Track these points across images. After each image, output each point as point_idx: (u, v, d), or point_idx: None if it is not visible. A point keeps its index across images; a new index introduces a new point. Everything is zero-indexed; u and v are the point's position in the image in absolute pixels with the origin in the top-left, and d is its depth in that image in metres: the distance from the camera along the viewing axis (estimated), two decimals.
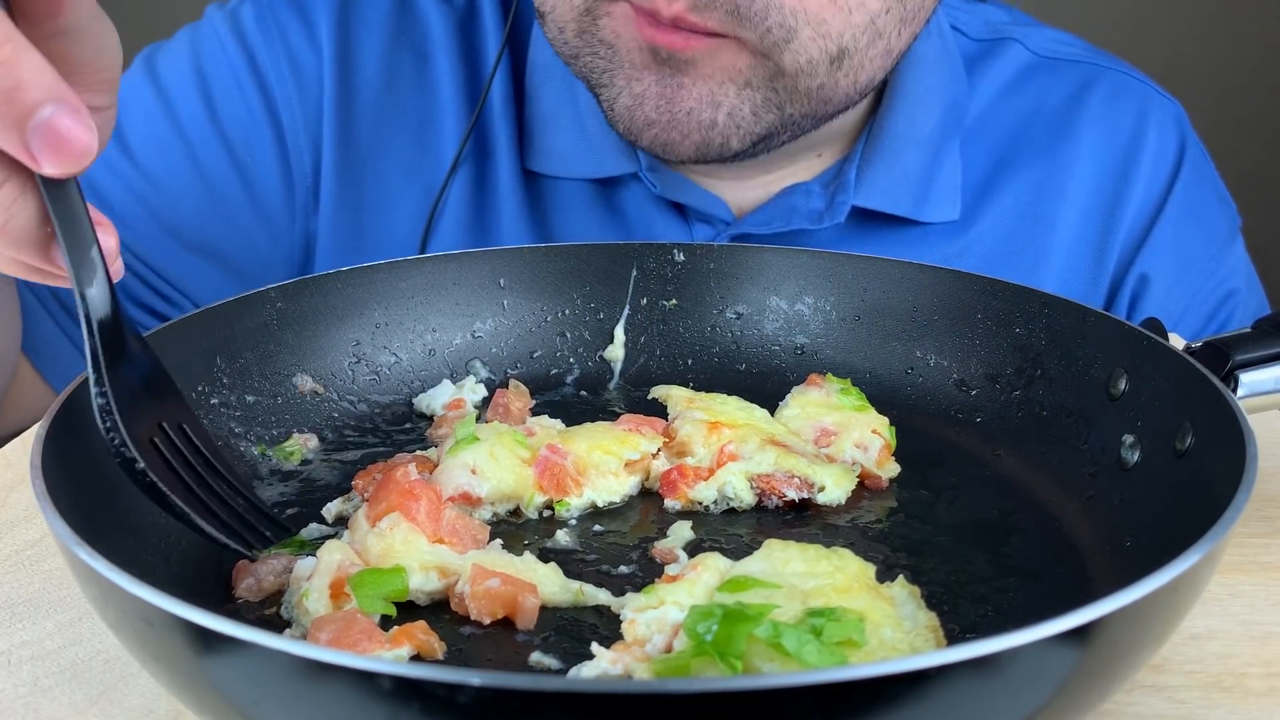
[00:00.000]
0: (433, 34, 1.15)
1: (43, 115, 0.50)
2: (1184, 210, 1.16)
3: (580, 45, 0.96)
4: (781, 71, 0.92)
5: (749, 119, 0.94)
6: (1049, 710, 0.45)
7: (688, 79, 0.92)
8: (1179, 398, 0.66)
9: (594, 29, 0.94)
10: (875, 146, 1.09)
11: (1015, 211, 1.14)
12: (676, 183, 1.09)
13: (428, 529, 0.63)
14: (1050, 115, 1.17)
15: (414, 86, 1.15)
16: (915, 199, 1.10)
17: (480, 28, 1.16)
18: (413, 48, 1.15)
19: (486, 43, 1.15)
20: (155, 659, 0.48)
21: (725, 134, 0.95)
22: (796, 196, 1.10)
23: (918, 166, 1.10)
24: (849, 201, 1.08)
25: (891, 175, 1.09)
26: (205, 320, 0.75)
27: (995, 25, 1.20)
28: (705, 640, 0.51)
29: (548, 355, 0.88)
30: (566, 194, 1.12)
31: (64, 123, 0.50)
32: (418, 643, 0.56)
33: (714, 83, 0.92)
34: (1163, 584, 0.45)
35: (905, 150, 1.09)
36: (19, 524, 0.71)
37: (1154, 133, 1.17)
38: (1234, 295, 1.19)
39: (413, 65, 1.15)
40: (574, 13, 0.95)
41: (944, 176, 1.12)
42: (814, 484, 0.70)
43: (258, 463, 0.74)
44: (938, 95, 1.11)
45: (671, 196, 1.09)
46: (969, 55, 1.18)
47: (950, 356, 0.82)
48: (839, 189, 1.09)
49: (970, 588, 0.62)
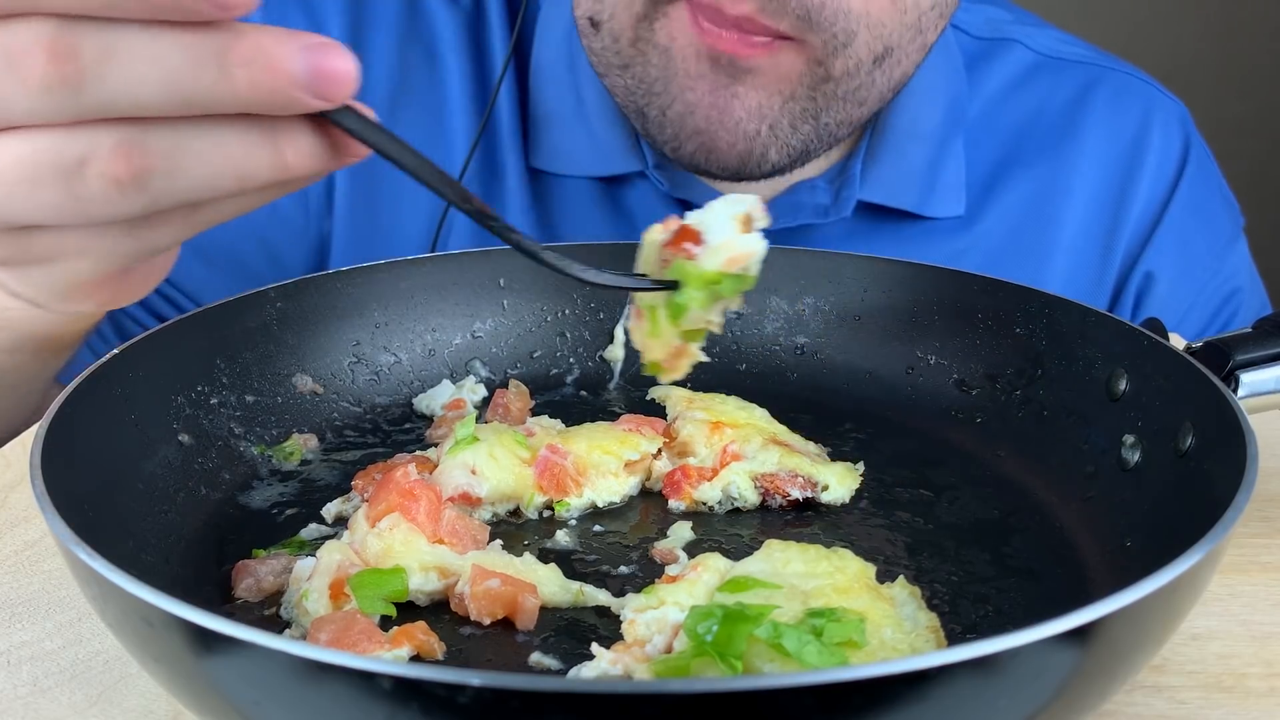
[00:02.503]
0: (442, 34, 1.16)
1: (303, 62, 0.51)
2: (1188, 209, 1.17)
3: (634, 54, 0.96)
4: (829, 77, 0.92)
5: (786, 130, 0.95)
6: (1049, 710, 0.45)
7: (742, 88, 0.92)
8: (1180, 398, 0.65)
9: (650, 34, 0.94)
10: (880, 142, 1.10)
11: (1020, 209, 1.15)
12: (684, 180, 1.09)
13: (427, 529, 0.63)
14: (1055, 114, 1.17)
15: (425, 86, 1.15)
16: (920, 193, 1.11)
17: (487, 27, 1.16)
18: (423, 48, 1.15)
19: (493, 43, 1.16)
20: (155, 659, 0.48)
21: (765, 144, 0.95)
22: (802, 192, 1.10)
23: (922, 161, 1.11)
24: (855, 196, 1.09)
25: (896, 170, 1.10)
26: (205, 320, 0.75)
27: (997, 24, 1.21)
28: (705, 641, 0.51)
29: (548, 355, 0.88)
30: (572, 192, 1.13)
31: (323, 62, 0.52)
32: (418, 643, 0.56)
33: (765, 94, 0.92)
34: (1163, 584, 0.45)
35: (909, 145, 1.10)
36: (19, 524, 0.71)
37: (1158, 132, 1.17)
38: (1237, 294, 1.19)
39: (423, 65, 1.15)
40: (633, 19, 0.94)
41: (948, 172, 1.12)
42: (817, 483, 0.70)
43: (258, 463, 0.74)
44: (940, 92, 1.12)
45: (679, 194, 1.09)
46: (971, 53, 1.18)
47: (950, 356, 0.82)
48: (844, 184, 1.09)
49: (970, 588, 0.62)
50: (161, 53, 0.49)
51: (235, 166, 0.54)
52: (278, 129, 0.54)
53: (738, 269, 0.61)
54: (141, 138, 0.52)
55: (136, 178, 0.52)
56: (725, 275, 0.61)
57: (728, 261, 0.61)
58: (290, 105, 0.52)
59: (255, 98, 0.52)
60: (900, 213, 1.11)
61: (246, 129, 0.53)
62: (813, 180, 1.10)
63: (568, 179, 1.12)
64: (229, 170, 0.54)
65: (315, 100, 0.52)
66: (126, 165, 0.52)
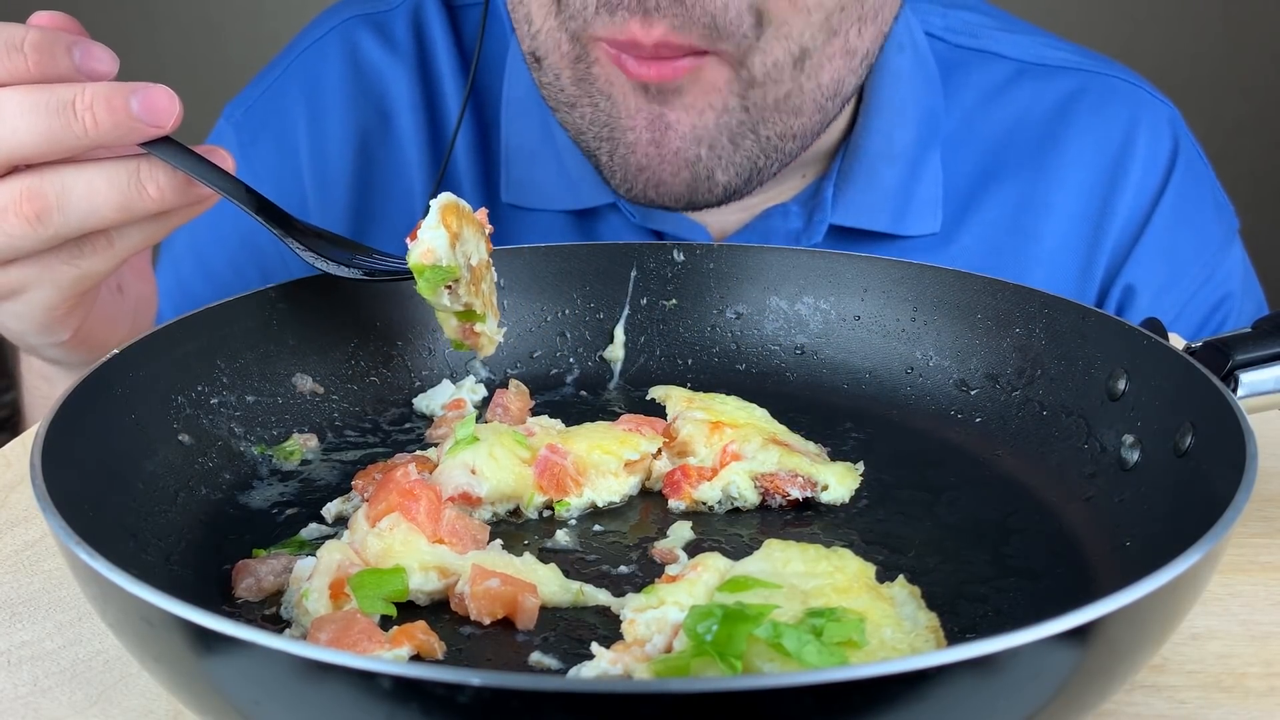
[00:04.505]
0: (390, 90, 1.17)
1: (135, 101, 0.69)
2: (1175, 217, 1.15)
3: (578, 94, 0.96)
4: (754, 81, 0.92)
5: (727, 148, 0.95)
6: (1049, 710, 0.45)
7: (673, 114, 0.93)
8: (1179, 398, 0.66)
9: (589, 76, 0.94)
10: (852, 164, 1.08)
11: (999, 223, 1.13)
12: (655, 211, 1.09)
13: (428, 529, 0.63)
14: (1036, 124, 1.15)
15: (382, 147, 1.17)
16: (894, 214, 1.09)
17: (437, 77, 1.17)
18: (374, 109, 1.18)
19: (444, 89, 1.17)
20: (155, 659, 0.48)
21: (709, 167, 0.95)
22: (775, 218, 1.09)
23: (895, 181, 1.09)
24: (827, 220, 1.08)
25: (869, 192, 1.08)
26: (205, 320, 0.75)
27: (975, 30, 1.18)
28: (705, 640, 0.51)
29: (548, 355, 0.88)
30: (543, 225, 1.13)
31: (149, 98, 0.70)
32: (418, 643, 0.56)
33: (695, 112, 0.93)
34: (1163, 584, 0.45)
35: (882, 166, 1.08)
36: (19, 524, 0.71)
37: (1144, 139, 1.15)
38: (1228, 300, 1.17)
39: (378, 128, 1.17)
40: (566, 59, 0.95)
41: (923, 189, 1.11)
42: (817, 483, 0.70)
43: (258, 463, 0.74)
44: (913, 108, 1.10)
45: (650, 225, 1.09)
46: (947, 62, 1.15)
47: (950, 356, 0.82)
48: (816, 208, 1.09)
49: (970, 588, 0.62)
50: (29, 108, 0.68)
51: (111, 200, 0.71)
52: (141, 169, 0.71)
53: (431, 261, 0.71)
54: (39, 183, 0.70)
55: (39, 215, 0.71)
56: (425, 266, 0.71)
57: (421, 254, 0.71)
58: (132, 133, 0.69)
59: (103, 132, 0.69)
60: (875, 233, 1.10)
61: (115, 170, 0.71)
62: (785, 205, 1.10)
63: (540, 213, 1.12)
64: (110, 203, 0.71)
65: (149, 128, 0.69)
66: (31, 206, 0.71)
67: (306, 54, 1.19)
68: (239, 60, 1.70)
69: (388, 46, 1.17)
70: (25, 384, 1.03)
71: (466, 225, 0.73)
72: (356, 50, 1.18)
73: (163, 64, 3.06)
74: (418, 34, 1.18)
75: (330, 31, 1.19)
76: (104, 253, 0.75)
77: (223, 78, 1.46)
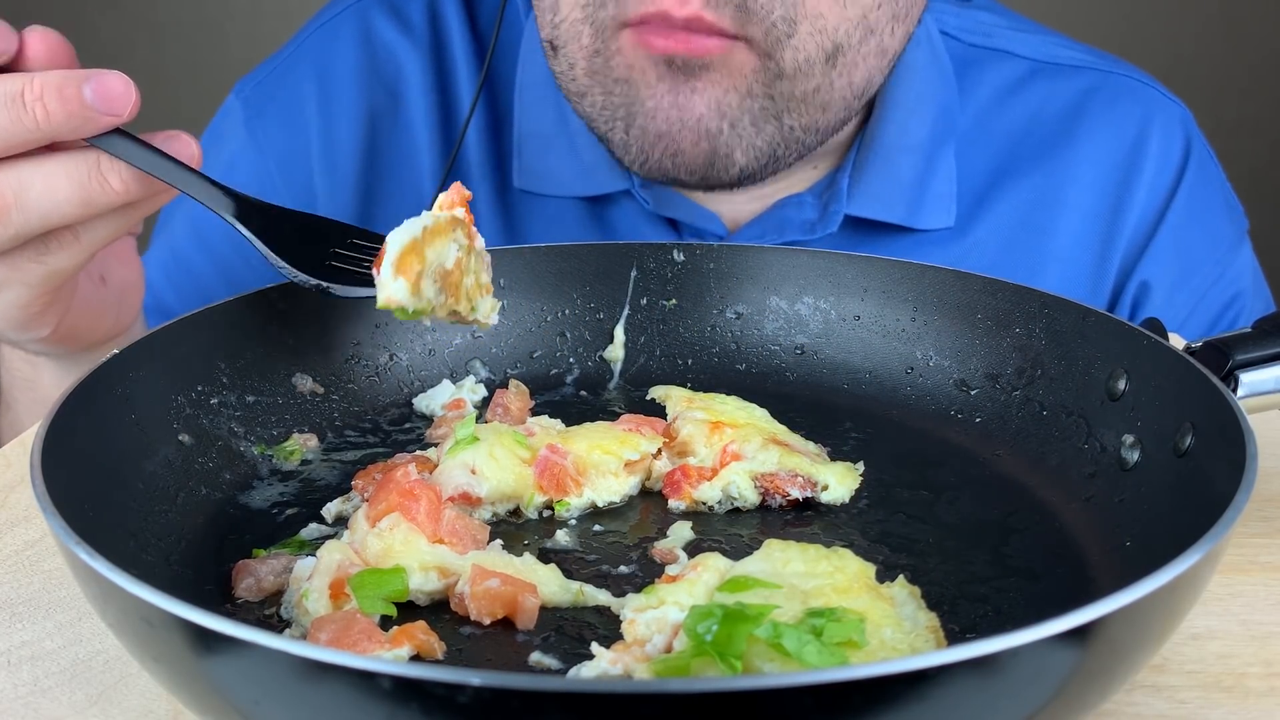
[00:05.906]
0: (402, 72, 1.16)
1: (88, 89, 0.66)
2: (1188, 215, 1.16)
3: (589, 84, 0.96)
4: (782, 73, 0.92)
5: (749, 130, 0.95)
6: (1049, 710, 0.45)
7: (700, 83, 0.92)
8: (1179, 398, 0.66)
9: (606, 68, 0.95)
10: (867, 154, 1.09)
11: (1013, 219, 1.14)
12: (669, 198, 1.09)
13: (428, 529, 0.63)
14: (1050, 122, 1.16)
15: (392, 131, 1.16)
16: (909, 206, 1.09)
17: (450, 59, 1.17)
18: (385, 91, 1.17)
19: (458, 73, 1.16)
20: (155, 659, 0.48)
21: (729, 144, 0.95)
22: (789, 208, 1.09)
23: (911, 173, 1.09)
24: (842, 210, 1.08)
25: (884, 183, 1.09)
26: (205, 320, 0.75)
27: (989, 29, 1.19)
28: (705, 640, 0.51)
29: (548, 355, 0.88)
30: (554, 212, 1.12)
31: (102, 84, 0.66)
32: (418, 643, 0.56)
33: (721, 89, 0.93)
34: (1163, 584, 0.45)
35: (898, 158, 1.09)
36: (19, 524, 0.71)
37: (1157, 137, 1.16)
38: (1239, 298, 1.18)
39: (388, 112, 1.17)
40: (584, 51, 0.95)
41: (937, 183, 1.11)
42: (817, 483, 0.70)
43: (258, 463, 0.74)
44: (929, 103, 1.11)
45: (664, 212, 1.09)
46: (962, 60, 1.16)
47: (950, 356, 0.82)
48: (831, 198, 1.09)
49: (970, 588, 0.62)
50: None
51: (72, 195, 0.68)
52: (102, 161, 0.68)
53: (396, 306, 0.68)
54: None
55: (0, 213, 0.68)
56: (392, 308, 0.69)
57: (385, 301, 0.68)
58: (87, 123, 0.66)
59: (56, 124, 0.66)
60: (889, 226, 1.10)
61: (74, 163, 0.68)
62: (799, 195, 1.10)
63: (552, 199, 1.12)
64: (71, 198, 0.68)
65: (105, 117, 0.66)
66: None
67: (319, 33, 1.19)
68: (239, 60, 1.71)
69: (402, 28, 1.17)
70: (6, 364, 1.01)
71: (435, 239, 0.69)
72: (370, 31, 1.18)
73: (163, 64, 3.06)
74: (433, 17, 1.18)
75: (344, 11, 1.19)
76: (71, 248, 0.73)
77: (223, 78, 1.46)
